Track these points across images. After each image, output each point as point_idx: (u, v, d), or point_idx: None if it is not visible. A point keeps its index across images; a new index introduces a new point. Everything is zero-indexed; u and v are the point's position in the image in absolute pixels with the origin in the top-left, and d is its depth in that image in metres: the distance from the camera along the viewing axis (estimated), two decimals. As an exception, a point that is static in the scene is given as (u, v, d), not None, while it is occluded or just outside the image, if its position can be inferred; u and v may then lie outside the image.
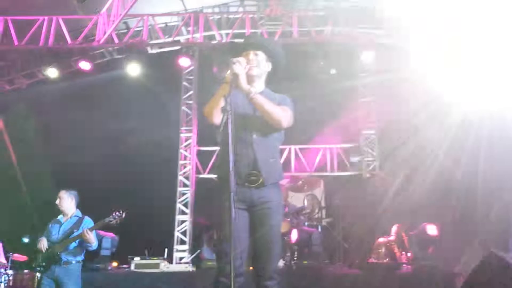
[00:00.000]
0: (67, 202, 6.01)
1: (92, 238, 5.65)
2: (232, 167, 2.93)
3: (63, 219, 5.99)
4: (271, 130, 3.41)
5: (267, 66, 3.57)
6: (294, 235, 6.95)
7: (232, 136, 2.97)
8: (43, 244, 5.75)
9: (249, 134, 3.35)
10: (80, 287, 5.74)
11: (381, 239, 7.20)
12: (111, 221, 5.79)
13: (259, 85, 3.54)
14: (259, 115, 3.37)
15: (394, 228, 7.23)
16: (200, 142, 10.77)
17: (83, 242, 5.69)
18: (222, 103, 3.09)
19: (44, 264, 5.70)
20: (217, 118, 3.21)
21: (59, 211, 5.92)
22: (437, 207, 7.38)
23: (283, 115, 3.39)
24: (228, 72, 3.29)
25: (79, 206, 6.03)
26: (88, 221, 5.96)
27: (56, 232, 5.88)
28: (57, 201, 5.99)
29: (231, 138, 2.96)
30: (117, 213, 5.76)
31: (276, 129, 3.41)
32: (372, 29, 9.90)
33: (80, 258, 5.83)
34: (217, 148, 3.63)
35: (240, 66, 3.28)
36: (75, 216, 5.98)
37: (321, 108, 9.52)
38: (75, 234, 5.80)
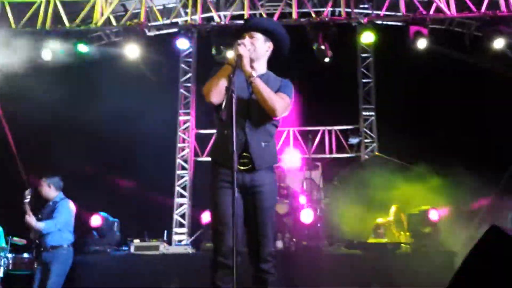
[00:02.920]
0: (45, 189, 6.09)
1: (31, 222, 5.69)
2: (235, 148, 2.95)
3: (45, 205, 6.07)
4: (265, 115, 3.37)
5: (266, 47, 3.51)
6: (309, 217, 6.94)
7: (229, 118, 2.98)
8: (29, 219, 5.79)
9: (243, 117, 3.31)
10: (67, 269, 5.84)
11: (380, 220, 7.22)
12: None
13: (260, 67, 3.50)
14: (255, 98, 3.35)
15: (392, 209, 7.26)
16: (198, 125, 10.74)
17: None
18: (225, 83, 3.10)
19: (34, 251, 5.87)
20: (216, 97, 3.23)
21: None
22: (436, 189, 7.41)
23: (280, 104, 3.35)
24: (232, 53, 3.30)
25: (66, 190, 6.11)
26: (62, 204, 6.00)
27: (40, 218, 5.96)
28: (38, 188, 6.06)
29: (234, 120, 2.99)
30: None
31: (270, 116, 3.38)
32: (372, 8, 9.83)
33: (68, 241, 5.91)
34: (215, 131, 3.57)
35: (244, 48, 3.27)
36: (52, 202, 6.04)
37: (320, 89, 9.48)
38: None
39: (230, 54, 8.09)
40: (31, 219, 5.70)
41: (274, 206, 3.54)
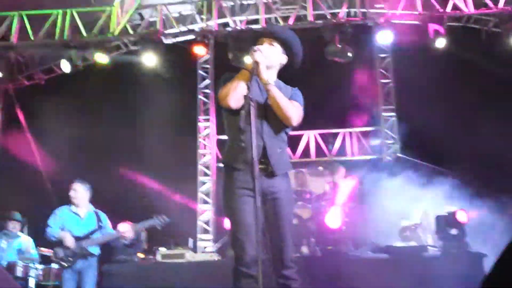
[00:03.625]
0: (83, 195, 6.09)
1: (130, 235, 5.90)
2: (255, 155, 2.96)
3: (79, 212, 6.06)
4: (281, 122, 3.39)
5: (282, 59, 3.52)
6: (337, 222, 6.89)
7: (248, 124, 3.00)
8: (69, 239, 5.82)
9: (260, 123, 3.32)
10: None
11: (406, 222, 7.16)
12: (156, 225, 5.95)
13: (271, 76, 3.48)
14: (271, 105, 3.36)
15: (418, 211, 7.20)
16: (218, 131, 10.78)
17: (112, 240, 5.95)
18: (243, 90, 3.11)
19: (71, 259, 5.80)
20: (234, 102, 3.25)
21: None
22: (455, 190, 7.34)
23: (295, 113, 3.39)
24: (249, 59, 3.30)
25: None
26: (104, 216, 6.17)
27: (78, 227, 5.96)
28: (72, 193, 6.06)
29: (253, 127, 2.99)
30: (162, 218, 5.95)
31: (285, 123, 3.40)
32: (388, 8, 9.76)
33: (99, 251, 6.05)
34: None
35: (261, 54, 3.28)
36: (93, 211, 6.09)
37: (339, 91, 9.44)
38: (105, 231, 6.02)
39: (247, 59, 8.10)
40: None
41: (292, 212, 3.55)
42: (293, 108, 3.37)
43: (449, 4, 8.92)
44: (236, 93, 3.22)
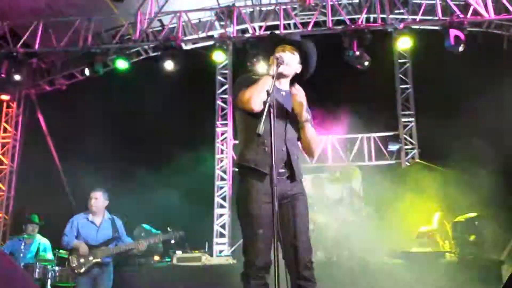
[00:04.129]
0: (102, 203, 6.13)
1: (143, 248, 5.96)
2: (274, 161, 3.01)
3: (95, 221, 6.10)
4: (298, 131, 3.49)
5: (298, 68, 3.56)
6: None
7: (269, 130, 3.05)
8: (84, 249, 5.89)
9: (284, 130, 3.39)
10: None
11: (423, 228, 7.08)
12: (171, 238, 6.13)
13: (285, 83, 3.57)
14: (292, 116, 3.45)
15: (436, 217, 7.11)
16: (235, 136, 10.82)
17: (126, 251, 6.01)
18: (264, 96, 3.13)
19: (86, 267, 5.86)
20: (258, 105, 3.26)
21: None
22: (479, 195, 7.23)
23: (319, 149, 3.46)
24: (267, 65, 3.40)
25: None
26: (119, 223, 6.18)
27: (94, 236, 6.01)
28: (92, 202, 6.08)
29: (272, 133, 3.05)
30: (178, 233, 6.10)
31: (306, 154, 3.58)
32: (408, 13, 9.72)
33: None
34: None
35: (285, 66, 3.39)
36: (108, 218, 6.11)
37: (358, 96, 9.40)
38: (120, 241, 6.07)
39: (262, 67, 8.14)
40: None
41: (308, 215, 3.54)
42: (319, 144, 3.46)
43: (470, 10, 8.82)
44: (260, 98, 3.22)
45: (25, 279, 4.71)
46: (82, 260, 5.85)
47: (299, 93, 3.46)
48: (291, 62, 3.46)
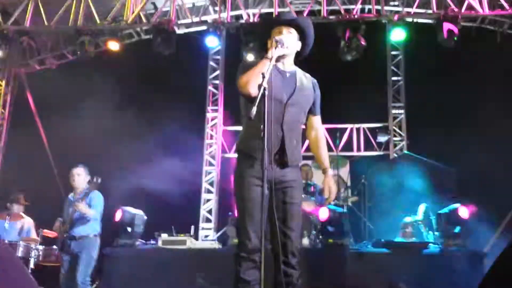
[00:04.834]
0: (83, 178, 6.10)
1: (83, 209, 5.76)
2: (266, 146, 2.99)
3: (73, 197, 6.10)
4: (300, 116, 3.49)
5: (297, 46, 3.55)
6: (324, 214, 6.86)
7: (262, 113, 3.02)
8: (55, 227, 6.11)
9: (281, 115, 3.37)
10: (95, 259, 5.97)
11: (408, 218, 7.12)
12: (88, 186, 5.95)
13: (289, 63, 3.55)
14: (295, 99, 3.42)
15: (421, 208, 7.15)
16: (225, 122, 10.81)
17: (85, 215, 5.84)
18: (260, 79, 3.10)
19: (62, 242, 5.95)
20: (255, 89, 3.22)
21: None
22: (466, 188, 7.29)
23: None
24: (270, 48, 3.34)
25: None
26: (98, 194, 6.06)
27: (67, 211, 6.02)
28: (75, 178, 6.06)
29: (267, 117, 3.02)
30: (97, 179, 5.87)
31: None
32: (403, 5, 9.72)
33: (95, 231, 6.01)
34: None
35: (284, 48, 3.34)
36: (84, 191, 6.01)
37: (349, 87, 9.41)
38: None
39: (258, 52, 8.08)
40: (83, 204, 5.80)
41: (301, 202, 3.56)
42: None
43: (464, 4, 8.83)
44: (256, 82, 3.19)
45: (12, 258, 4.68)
46: (61, 239, 5.99)
47: (331, 196, 3.55)
48: (291, 43, 3.45)
